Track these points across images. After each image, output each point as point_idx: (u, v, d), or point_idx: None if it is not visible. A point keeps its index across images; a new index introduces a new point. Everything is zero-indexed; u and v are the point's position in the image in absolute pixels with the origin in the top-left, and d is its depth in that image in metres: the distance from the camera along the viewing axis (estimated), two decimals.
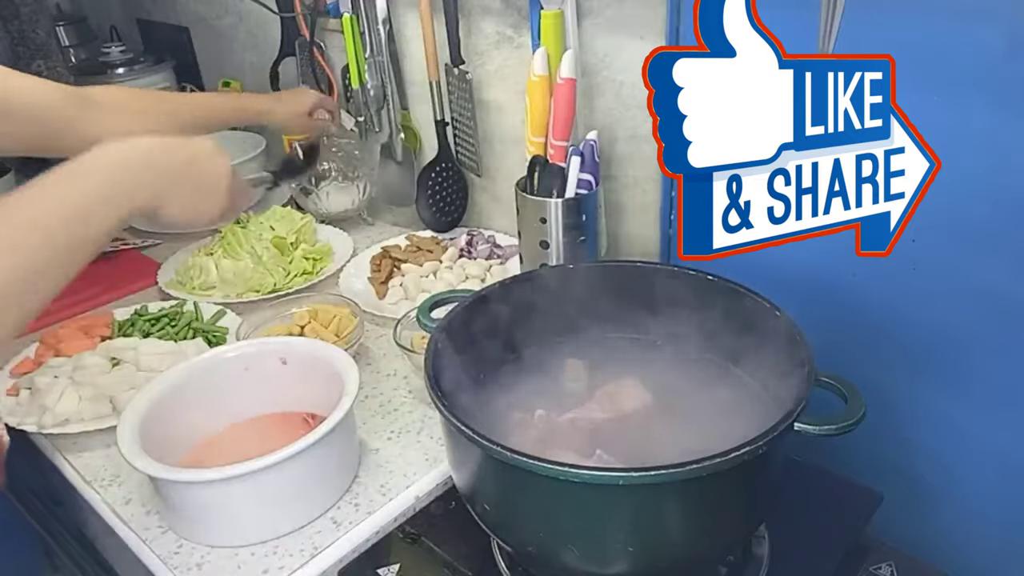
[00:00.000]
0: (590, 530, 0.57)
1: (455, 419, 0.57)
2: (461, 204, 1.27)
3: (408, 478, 0.82)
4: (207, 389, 0.84)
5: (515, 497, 0.60)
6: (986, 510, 0.78)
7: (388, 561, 0.71)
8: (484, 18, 1.09)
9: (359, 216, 1.39)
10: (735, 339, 0.72)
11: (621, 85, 0.96)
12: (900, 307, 0.76)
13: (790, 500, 0.72)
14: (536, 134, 0.94)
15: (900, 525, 0.76)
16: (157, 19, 1.84)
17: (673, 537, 0.58)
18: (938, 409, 0.77)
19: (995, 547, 0.79)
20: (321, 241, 1.28)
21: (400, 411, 0.92)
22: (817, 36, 0.65)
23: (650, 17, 0.89)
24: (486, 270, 1.14)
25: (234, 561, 0.73)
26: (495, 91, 1.13)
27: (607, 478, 0.53)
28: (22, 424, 0.89)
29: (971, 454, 0.77)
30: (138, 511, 0.80)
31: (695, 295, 0.73)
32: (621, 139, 0.98)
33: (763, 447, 0.53)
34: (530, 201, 0.93)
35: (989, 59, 0.63)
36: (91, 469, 0.86)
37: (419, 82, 1.24)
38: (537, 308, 0.76)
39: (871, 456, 0.81)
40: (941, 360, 0.76)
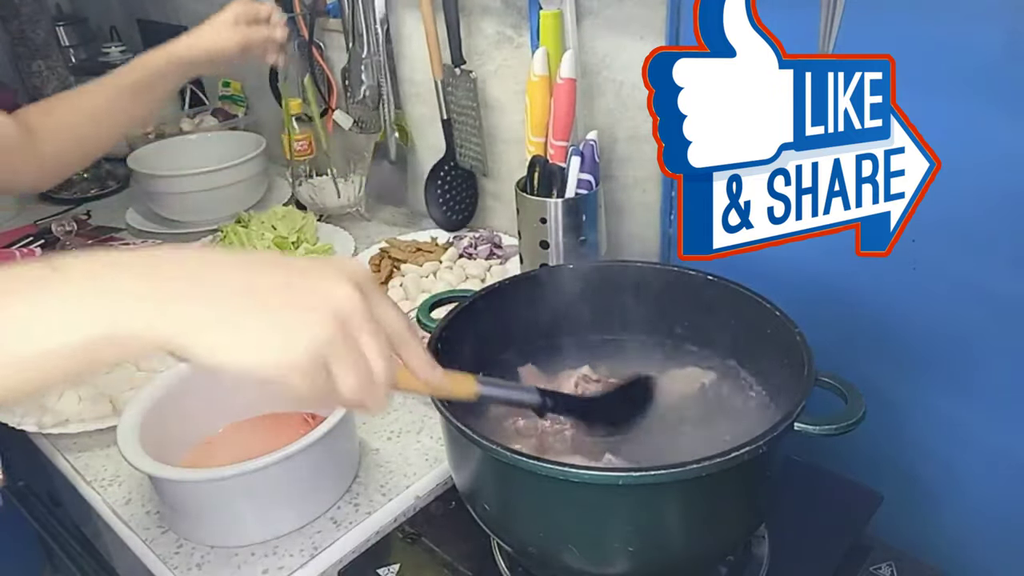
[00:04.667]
0: (590, 530, 0.57)
1: (455, 419, 0.57)
2: (471, 203, 1.27)
3: (408, 478, 0.82)
4: (207, 389, 0.84)
5: (515, 497, 0.60)
6: (986, 510, 0.78)
7: (388, 561, 0.71)
8: (484, 18, 1.09)
9: (356, 212, 1.39)
10: (735, 339, 0.72)
11: (621, 85, 0.96)
12: (900, 307, 0.76)
13: (790, 500, 0.71)
14: (536, 134, 0.94)
15: (900, 525, 0.76)
16: (157, 19, 1.84)
17: (673, 537, 0.58)
18: (938, 409, 0.77)
19: (995, 547, 0.79)
20: (322, 240, 1.28)
21: (400, 411, 0.92)
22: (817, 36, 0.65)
23: (650, 17, 0.89)
24: (486, 270, 1.14)
25: (234, 561, 0.73)
26: (495, 91, 1.13)
27: (607, 478, 0.53)
28: (22, 424, 0.89)
29: (971, 454, 0.77)
30: (138, 511, 0.80)
31: (695, 295, 0.73)
32: (621, 139, 0.98)
33: (763, 447, 0.53)
34: (530, 201, 0.93)
35: (989, 59, 0.63)
36: (91, 469, 0.86)
37: (417, 81, 1.24)
38: (537, 308, 0.76)
39: (871, 456, 0.81)
40: (941, 360, 0.76)
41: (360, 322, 0.43)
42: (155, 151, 1.46)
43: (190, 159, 1.43)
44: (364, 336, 0.44)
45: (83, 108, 0.94)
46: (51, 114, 0.93)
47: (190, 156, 1.45)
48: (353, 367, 0.43)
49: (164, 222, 1.41)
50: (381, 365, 0.44)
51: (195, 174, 1.36)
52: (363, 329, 0.44)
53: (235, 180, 1.39)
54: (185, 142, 1.53)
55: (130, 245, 1.35)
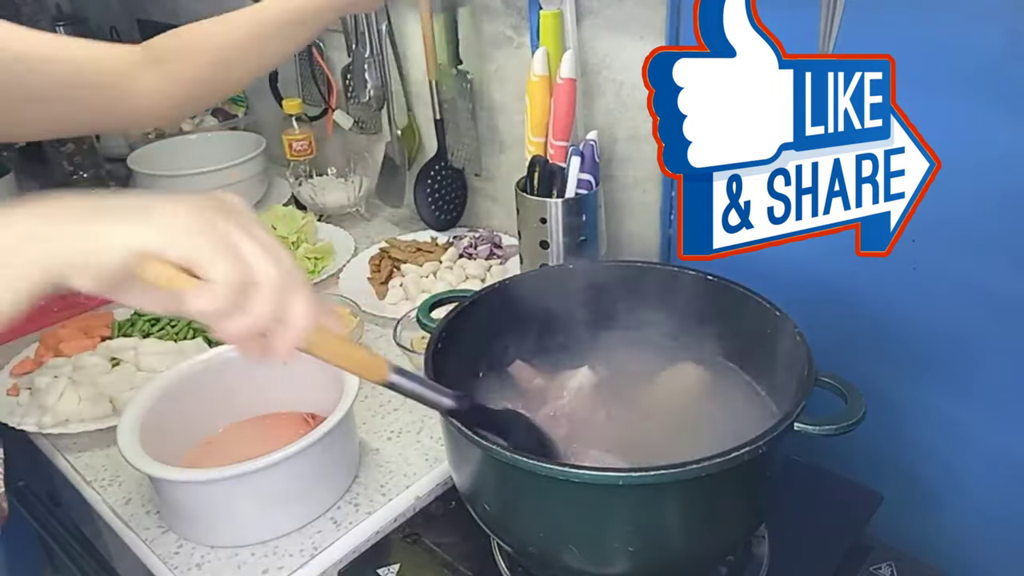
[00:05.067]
0: (590, 530, 0.57)
1: (455, 419, 0.57)
2: (460, 203, 1.27)
3: (408, 478, 0.82)
4: (207, 389, 0.84)
5: (515, 497, 0.60)
6: (986, 510, 0.78)
7: (388, 561, 0.71)
8: (484, 18, 1.09)
9: (356, 212, 1.39)
10: (735, 339, 0.72)
11: (621, 85, 0.96)
12: (900, 307, 0.76)
13: (790, 500, 0.71)
14: (536, 134, 0.94)
15: (900, 525, 0.76)
16: (157, 19, 1.84)
17: (673, 537, 0.58)
18: (938, 409, 0.77)
19: (995, 547, 0.79)
20: (322, 240, 1.28)
21: (400, 411, 0.92)
22: (817, 36, 0.65)
23: (650, 17, 0.89)
24: (486, 270, 1.14)
25: (234, 561, 0.73)
26: (495, 91, 1.13)
27: (607, 478, 0.53)
28: (22, 424, 0.89)
29: (971, 454, 0.77)
30: (138, 511, 0.80)
31: (695, 295, 0.73)
32: (621, 139, 0.98)
33: (763, 447, 0.53)
34: (530, 201, 0.93)
35: (989, 59, 0.63)
36: (91, 469, 0.86)
37: (420, 82, 1.24)
38: (537, 308, 0.76)
39: (871, 456, 0.81)
40: (941, 360, 0.76)
41: (233, 220, 0.44)
42: (155, 151, 1.46)
43: (190, 159, 1.43)
44: (237, 231, 0.44)
45: (226, 36, 0.87)
46: (186, 40, 0.87)
47: (190, 156, 1.45)
48: (224, 252, 0.43)
49: None
50: (264, 266, 0.44)
51: (195, 174, 1.37)
52: (233, 224, 0.44)
53: (235, 180, 1.39)
54: (185, 142, 1.53)
55: None
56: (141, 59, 0.82)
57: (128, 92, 0.81)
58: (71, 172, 1.58)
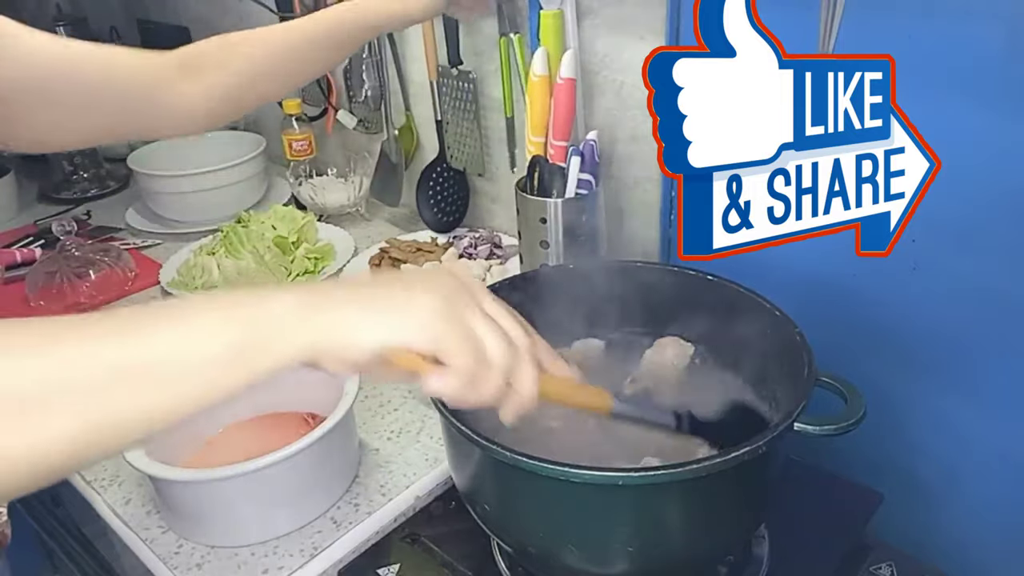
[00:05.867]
0: (590, 530, 0.57)
1: (455, 419, 0.57)
2: (462, 205, 1.27)
3: (408, 478, 0.82)
4: None
5: (515, 497, 0.60)
6: (986, 510, 0.78)
7: (388, 561, 0.71)
8: (484, 18, 1.08)
9: (356, 212, 1.39)
10: (735, 339, 0.72)
11: (621, 85, 0.96)
12: (900, 307, 0.76)
13: (790, 500, 0.72)
14: (536, 134, 0.94)
15: (900, 525, 0.76)
16: (157, 19, 1.84)
17: (673, 537, 0.58)
18: (938, 409, 0.77)
19: (995, 547, 0.79)
20: (322, 240, 1.28)
21: (400, 411, 0.92)
22: (817, 36, 0.65)
23: (650, 17, 0.89)
24: (486, 270, 1.14)
25: (234, 561, 0.73)
26: (495, 91, 1.13)
27: (607, 478, 0.52)
28: None
29: (971, 454, 0.77)
30: (138, 511, 0.80)
31: (695, 295, 0.73)
32: (621, 139, 0.98)
33: (763, 447, 0.53)
34: (530, 201, 0.93)
35: (989, 59, 0.63)
36: (91, 469, 0.86)
37: (420, 82, 1.24)
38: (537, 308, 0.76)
39: (871, 456, 0.81)
40: (941, 360, 0.76)
41: (468, 300, 0.47)
42: (155, 151, 1.46)
43: (190, 159, 1.43)
44: (473, 314, 0.47)
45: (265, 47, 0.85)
46: (225, 50, 0.84)
47: (190, 156, 1.45)
48: (464, 341, 0.45)
49: (164, 222, 1.41)
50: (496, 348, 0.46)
51: (195, 174, 1.37)
52: (469, 306, 0.47)
53: (235, 180, 1.39)
54: (185, 142, 1.52)
55: (129, 243, 1.35)
56: (176, 68, 0.80)
57: (163, 102, 0.79)
58: (71, 172, 1.58)
